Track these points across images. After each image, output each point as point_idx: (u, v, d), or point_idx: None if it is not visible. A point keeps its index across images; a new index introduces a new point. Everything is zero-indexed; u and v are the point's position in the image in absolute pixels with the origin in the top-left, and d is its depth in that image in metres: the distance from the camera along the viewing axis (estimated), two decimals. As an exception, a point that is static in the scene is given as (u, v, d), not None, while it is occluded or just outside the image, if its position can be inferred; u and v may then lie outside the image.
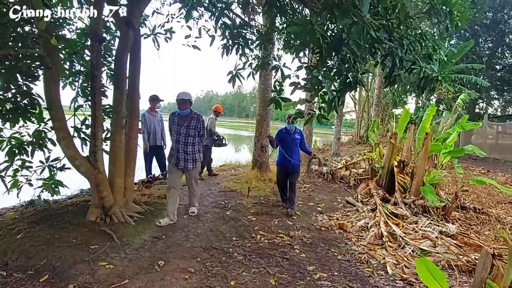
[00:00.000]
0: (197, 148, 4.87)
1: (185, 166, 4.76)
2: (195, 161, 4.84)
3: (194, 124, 4.75)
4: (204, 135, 4.98)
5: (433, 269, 2.28)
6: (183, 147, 4.72)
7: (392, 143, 6.92)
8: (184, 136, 4.70)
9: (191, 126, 4.73)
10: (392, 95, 20.65)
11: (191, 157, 4.77)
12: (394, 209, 5.78)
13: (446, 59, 4.58)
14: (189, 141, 4.73)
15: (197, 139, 4.83)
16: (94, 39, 4.05)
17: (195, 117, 4.78)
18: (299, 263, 3.86)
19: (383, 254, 4.26)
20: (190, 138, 4.72)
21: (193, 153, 4.79)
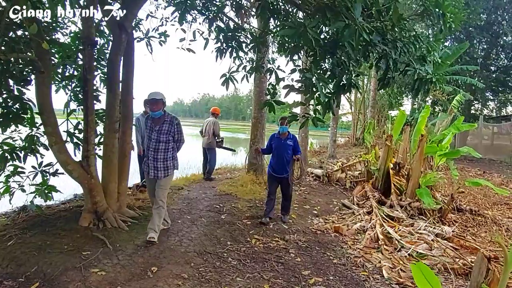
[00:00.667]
0: (171, 155, 4.30)
1: (156, 175, 4.23)
2: (167, 169, 4.27)
3: (166, 129, 4.22)
4: (182, 140, 4.44)
5: (428, 274, 2.25)
6: (153, 154, 4.21)
7: (388, 145, 6.91)
8: (154, 141, 4.21)
9: (162, 131, 4.21)
10: (388, 97, 20.73)
11: (162, 165, 4.23)
12: (390, 212, 5.76)
13: (440, 60, 4.55)
14: (160, 147, 4.22)
15: (170, 145, 4.29)
16: (86, 43, 4.01)
17: (167, 120, 4.25)
18: (294, 268, 3.82)
19: (379, 258, 4.23)
20: (161, 144, 4.21)
21: (165, 160, 4.24)
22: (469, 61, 18.88)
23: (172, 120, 4.27)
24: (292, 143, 5.27)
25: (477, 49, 21.02)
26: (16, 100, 4.06)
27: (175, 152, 4.40)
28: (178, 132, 4.32)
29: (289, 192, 5.40)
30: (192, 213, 5.32)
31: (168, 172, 4.29)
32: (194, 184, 7.47)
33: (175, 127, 4.28)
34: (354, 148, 17.59)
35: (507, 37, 20.63)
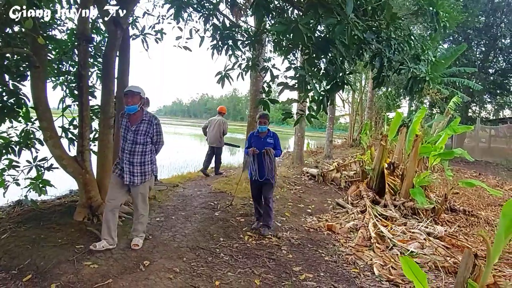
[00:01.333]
0: (149, 159, 3.84)
1: (131, 181, 3.75)
2: (144, 175, 3.80)
3: (144, 129, 3.76)
4: (161, 142, 4.01)
5: (415, 269, 2.29)
6: (128, 157, 3.73)
7: (383, 145, 6.95)
8: (130, 143, 3.72)
9: (140, 131, 3.74)
10: (385, 99, 20.79)
11: (138, 169, 3.76)
12: (384, 211, 5.80)
13: (435, 59, 4.58)
14: (137, 150, 3.74)
15: (149, 147, 3.83)
16: (81, 38, 4.04)
17: (146, 119, 3.79)
18: (286, 264, 3.85)
19: (371, 255, 4.26)
20: (138, 146, 3.74)
21: (142, 165, 3.78)
22: (467, 63, 18.95)
23: (151, 120, 3.82)
24: (272, 140, 4.83)
25: (475, 51, 21.10)
26: (12, 95, 4.08)
27: (154, 155, 3.95)
28: (157, 133, 3.87)
29: (269, 196, 4.82)
30: (186, 210, 5.35)
31: (146, 178, 3.83)
32: (189, 182, 7.50)
33: (154, 127, 3.83)
34: (351, 149, 17.64)
35: (505, 40, 20.70)
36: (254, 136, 4.93)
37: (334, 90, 3.81)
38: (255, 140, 4.89)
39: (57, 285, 3.01)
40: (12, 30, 3.97)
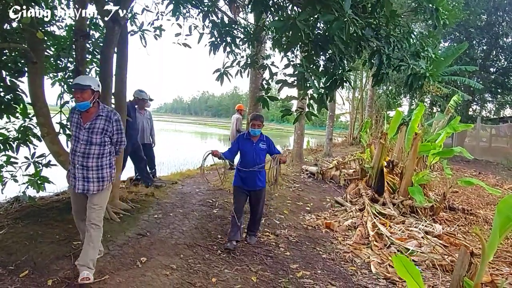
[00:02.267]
0: (107, 162, 3.19)
1: (84, 189, 3.08)
2: (102, 181, 3.14)
3: (101, 127, 3.10)
4: (122, 142, 3.33)
5: (409, 266, 2.29)
6: (82, 161, 3.06)
7: (382, 144, 6.93)
8: (84, 144, 3.06)
9: (95, 130, 3.08)
10: (386, 97, 20.76)
11: (95, 174, 3.10)
12: (382, 209, 5.79)
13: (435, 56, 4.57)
14: (92, 152, 3.08)
15: (107, 148, 3.17)
16: (78, 34, 4.02)
17: (102, 115, 3.12)
18: (283, 261, 3.85)
19: (368, 253, 4.26)
20: (93, 147, 3.08)
21: (99, 169, 3.12)
22: (469, 62, 18.89)
23: (110, 115, 3.16)
24: (265, 146, 4.20)
25: (476, 50, 21.03)
26: (9, 91, 4.08)
27: (113, 158, 3.30)
28: (117, 132, 3.22)
29: (260, 208, 4.35)
30: (184, 207, 5.34)
31: (104, 185, 3.16)
32: (188, 179, 7.49)
33: (114, 124, 3.17)
34: (351, 147, 17.63)
35: (507, 38, 20.64)
36: (244, 139, 4.20)
37: (333, 87, 3.80)
38: (244, 144, 4.19)
39: (54, 280, 3.02)
40: (10, 25, 3.97)
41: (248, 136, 4.21)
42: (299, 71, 3.55)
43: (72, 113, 3.21)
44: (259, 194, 4.29)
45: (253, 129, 4.13)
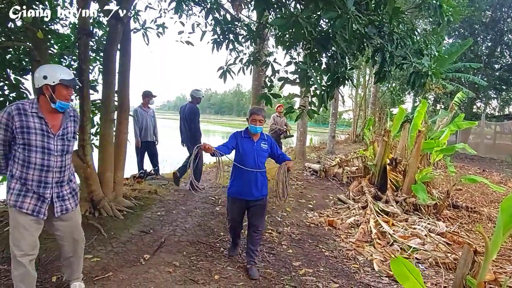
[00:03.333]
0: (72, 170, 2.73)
1: (63, 210, 2.56)
2: (76, 194, 2.70)
3: (73, 130, 2.61)
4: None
5: (409, 266, 2.28)
6: (58, 177, 2.50)
7: (385, 141, 6.91)
8: (60, 155, 2.48)
9: (69, 135, 2.55)
10: (390, 94, 20.68)
11: (68, 190, 2.60)
12: (385, 207, 5.77)
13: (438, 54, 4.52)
14: (66, 164, 2.56)
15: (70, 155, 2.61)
16: (82, 32, 4.03)
17: (72, 115, 2.60)
18: (286, 259, 3.86)
19: (371, 251, 4.26)
20: (68, 156, 2.57)
21: (71, 181, 2.66)
22: (473, 58, 18.76)
23: (76, 114, 2.68)
24: (268, 147, 3.49)
25: (481, 46, 20.86)
26: (13, 89, 4.10)
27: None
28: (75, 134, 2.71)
29: (260, 223, 3.53)
30: (187, 204, 5.36)
31: (77, 197, 2.73)
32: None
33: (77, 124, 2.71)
34: (354, 145, 17.59)
35: (512, 35, 20.47)
36: (243, 138, 3.46)
37: (335, 85, 3.79)
38: (243, 144, 3.44)
39: (58, 277, 3.04)
40: (14, 24, 3.99)
41: (247, 134, 3.45)
42: (302, 68, 3.54)
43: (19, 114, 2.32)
44: (259, 206, 3.48)
45: (253, 126, 3.35)
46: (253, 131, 3.42)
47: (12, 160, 2.39)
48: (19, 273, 2.44)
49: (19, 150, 2.37)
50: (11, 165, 2.39)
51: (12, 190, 2.39)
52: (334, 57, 3.77)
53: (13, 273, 2.45)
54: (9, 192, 2.40)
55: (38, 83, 2.35)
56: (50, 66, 2.56)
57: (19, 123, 2.31)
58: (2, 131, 2.31)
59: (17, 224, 2.41)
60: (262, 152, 3.45)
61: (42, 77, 2.34)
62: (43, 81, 2.34)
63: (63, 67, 2.52)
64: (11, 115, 2.29)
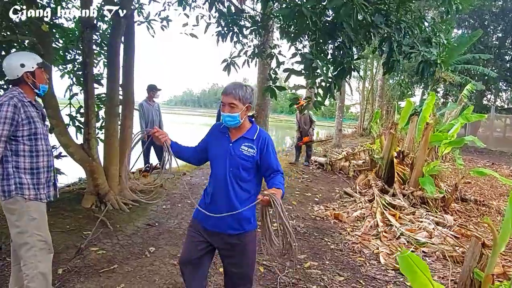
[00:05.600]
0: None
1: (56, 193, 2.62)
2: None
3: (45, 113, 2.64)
4: None
5: (416, 260, 2.24)
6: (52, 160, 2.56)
7: (392, 134, 6.83)
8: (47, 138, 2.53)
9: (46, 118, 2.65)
10: (399, 87, 20.43)
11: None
12: (392, 200, 5.72)
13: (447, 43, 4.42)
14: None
15: None
16: (85, 25, 4.02)
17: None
18: (291, 252, 3.83)
19: (377, 244, 4.22)
20: None
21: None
22: (483, 50, 18.37)
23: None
24: (254, 153, 2.13)
25: (491, 37, 20.44)
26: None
27: None
28: None
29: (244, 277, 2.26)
30: (192, 198, 5.34)
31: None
32: (197, 170, 7.51)
33: None
34: (361, 138, 17.44)
35: (523, 26, 20.00)
36: (218, 134, 2.24)
37: (342, 76, 3.72)
38: (215, 143, 2.24)
39: (64, 269, 3.06)
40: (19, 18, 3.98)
41: (225, 128, 2.19)
42: (308, 59, 3.48)
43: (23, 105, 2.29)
44: (238, 247, 2.20)
45: (223, 113, 2.10)
46: (224, 120, 2.11)
47: (13, 155, 2.36)
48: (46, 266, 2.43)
49: (24, 141, 2.34)
50: (14, 160, 2.37)
51: (27, 185, 2.36)
52: (340, 47, 3.70)
53: (38, 267, 2.37)
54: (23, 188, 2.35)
55: (16, 73, 2.30)
56: (20, 54, 2.53)
57: (25, 114, 2.30)
58: (8, 126, 2.22)
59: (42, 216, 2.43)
60: (241, 159, 2.09)
61: (19, 66, 2.29)
62: (22, 70, 2.30)
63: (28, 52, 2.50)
64: (18, 107, 2.25)
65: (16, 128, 2.28)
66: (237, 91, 2.08)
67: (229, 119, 2.09)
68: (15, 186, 2.34)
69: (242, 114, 2.09)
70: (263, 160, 2.14)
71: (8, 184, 2.32)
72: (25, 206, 2.36)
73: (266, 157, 2.15)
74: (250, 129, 2.19)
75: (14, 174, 2.35)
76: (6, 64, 2.32)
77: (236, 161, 2.11)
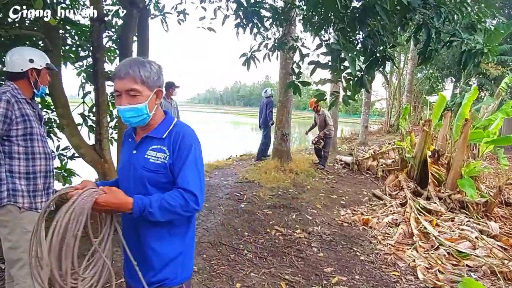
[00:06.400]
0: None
1: None
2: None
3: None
4: None
5: None
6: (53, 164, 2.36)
7: (426, 131, 6.29)
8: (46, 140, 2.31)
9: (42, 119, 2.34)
10: (428, 81, 19.49)
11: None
12: (427, 204, 5.22)
13: (494, 29, 3.90)
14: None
15: None
16: (94, 19, 3.77)
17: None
18: (316, 264, 3.46)
19: (413, 256, 3.77)
20: None
21: None
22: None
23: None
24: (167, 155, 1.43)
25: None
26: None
27: None
28: None
29: None
30: (210, 201, 5.06)
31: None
32: (216, 170, 7.25)
33: None
34: (388, 136, 16.69)
35: None
36: (126, 139, 1.59)
37: (374, 66, 3.30)
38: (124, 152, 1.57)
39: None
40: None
41: (130, 130, 1.58)
42: (334, 49, 3.08)
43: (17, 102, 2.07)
44: None
45: (119, 107, 1.40)
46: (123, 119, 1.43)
47: (6, 157, 2.11)
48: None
49: (19, 142, 2.10)
50: (7, 163, 2.11)
51: (22, 192, 2.11)
52: (371, 35, 3.27)
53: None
54: (16, 195, 2.09)
55: (22, 67, 2.11)
56: (31, 49, 2.31)
57: (19, 111, 2.06)
58: (0, 124, 1.98)
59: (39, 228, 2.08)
60: (147, 170, 1.43)
61: (27, 60, 2.12)
62: (29, 65, 2.12)
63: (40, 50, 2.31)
64: (11, 103, 2.02)
65: (9, 126, 2.03)
66: (136, 70, 1.38)
67: (131, 114, 1.39)
68: (8, 193, 2.09)
69: (150, 103, 1.42)
70: (174, 166, 1.41)
71: (1, 190, 2.07)
72: (18, 217, 2.11)
73: (176, 164, 1.41)
74: (161, 123, 1.49)
75: (7, 179, 2.10)
76: (13, 55, 2.15)
77: (140, 175, 1.43)
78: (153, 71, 1.43)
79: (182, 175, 1.40)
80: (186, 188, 1.38)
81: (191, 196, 1.38)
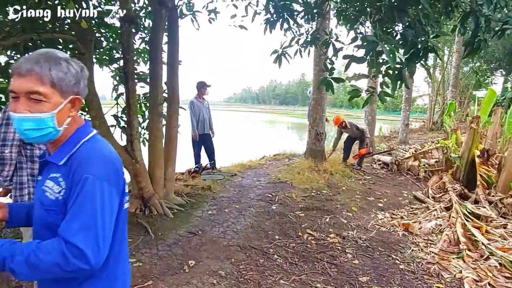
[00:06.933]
0: None
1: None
2: None
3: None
4: None
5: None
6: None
7: (474, 129, 5.80)
8: None
9: None
10: (475, 75, 18.24)
11: None
12: (475, 209, 4.77)
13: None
14: None
15: None
16: (124, 20, 3.79)
17: None
18: (350, 272, 3.24)
19: (460, 266, 3.43)
20: None
21: None
22: None
23: None
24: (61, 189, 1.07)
25: None
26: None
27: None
28: None
29: None
30: (241, 202, 4.96)
31: None
32: (249, 170, 7.14)
33: None
34: (430, 133, 15.79)
35: None
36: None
37: (416, 59, 3.02)
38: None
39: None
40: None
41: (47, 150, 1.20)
42: (370, 42, 2.85)
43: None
44: None
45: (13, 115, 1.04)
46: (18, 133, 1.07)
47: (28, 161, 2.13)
48: None
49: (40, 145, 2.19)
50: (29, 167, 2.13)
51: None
52: (411, 25, 3.00)
53: None
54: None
55: None
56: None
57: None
58: None
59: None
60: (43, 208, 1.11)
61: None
62: None
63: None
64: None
65: None
66: (45, 67, 1.04)
67: (30, 125, 1.04)
68: (29, 197, 2.11)
69: (60, 115, 1.07)
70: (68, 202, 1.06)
71: (21, 194, 2.09)
72: None
73: (68, 204, 1.05)
74: (65, 143, 1.13)
75: (29, 183, 2.12)
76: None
77: (38, 212, 1.14)
78: (71, 72, 1.08)
79: (66, 220, 1.02)
80: (67, 239, 0.99)
81: (74, 251, 0.98)
